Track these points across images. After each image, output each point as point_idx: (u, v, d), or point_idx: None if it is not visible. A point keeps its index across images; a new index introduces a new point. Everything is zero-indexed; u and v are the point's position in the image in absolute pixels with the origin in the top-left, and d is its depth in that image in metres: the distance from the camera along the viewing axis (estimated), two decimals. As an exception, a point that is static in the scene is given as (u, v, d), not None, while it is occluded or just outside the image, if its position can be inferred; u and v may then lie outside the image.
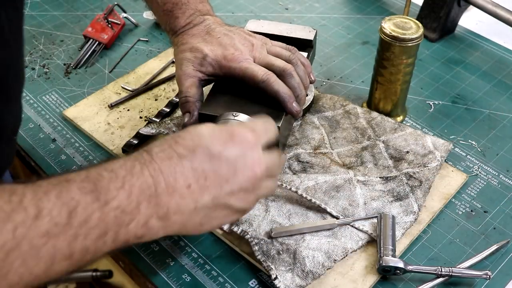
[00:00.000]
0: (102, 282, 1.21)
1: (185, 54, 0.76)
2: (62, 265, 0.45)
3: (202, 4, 0.80)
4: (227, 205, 0.55)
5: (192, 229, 0.55)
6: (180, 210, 0.52)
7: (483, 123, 0.92)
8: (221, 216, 0.56)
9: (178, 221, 0.52)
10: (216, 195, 0.53)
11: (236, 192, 0.55)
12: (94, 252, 0.47)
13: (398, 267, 0.68)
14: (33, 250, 0.43)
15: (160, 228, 0.51)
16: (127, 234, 0.49)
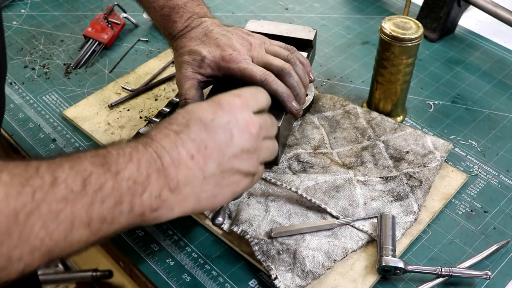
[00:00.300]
0: (102, 282, 1.21)
1: (183, 58, 0.76)
2: (82, 233, 0.46)
3: (199, 7, 0.80)
4: (234, 169, 0.56)
5: (207, 203, 0.55)
6: (190, 182, 0.53)
7: (483, 123, 0.92)
8: (232, 183, 0.57)
9: (190, 194, 0.53)
10: (220, 160, 0.55)
11: (238, 154, 0.56)
12: (112, 221, 0.48)
13: (398, 267, 0.68)
14: (52, 214, 0.43)
15: (174, 202, 0.52)
16: (142, 205, 0.50)
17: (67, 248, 0.45)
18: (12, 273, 0.42)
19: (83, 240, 0.46)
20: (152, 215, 0.51)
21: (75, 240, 0.45)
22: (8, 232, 0.41)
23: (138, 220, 0.51)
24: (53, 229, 0.44)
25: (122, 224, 0.49)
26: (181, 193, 0.53)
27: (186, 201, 0.53)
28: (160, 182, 0.51)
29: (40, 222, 0.43)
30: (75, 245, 0.46)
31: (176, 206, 0.53)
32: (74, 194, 0.45)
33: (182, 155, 0.53)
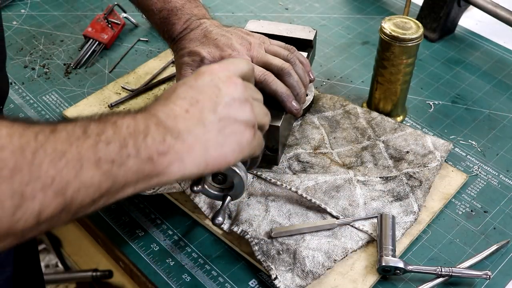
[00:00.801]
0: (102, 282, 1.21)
1: (183, 59, 0.76)
2: (93, 174, 0.45)
3: (197, 8, 0.80)
4: (231, 118, 0.56)
5: (216, 153, 0.55)
6: (192, 131, 0.53)
7: (483, 123, 0.92)
8: (235, 132, 0.56)
9: (195, 142, 0.53)
10: (215, 109, 0.55)
11: (231, 102, 0.56)
12: (121, 164, 0.47)
13: (398, 267, 0.68)
14: (58, 152, 0.43)
15: (181, 150, 0.51)
16: (147, 149, 0.49)
17: (81, 190, 0.44)
18: (28, 215, 0.41)
19: (95, 182, 0.45)
20: (161, 161, 0.50)
21: (87, 180, 0.45)
22: (18, 168, 0.41)
23: (149, 167, 0.49)
24: (62, 167, 0.43)
25: (132, 168, 0.48)
26: (185, 141, 0.52)
27: (193, 150, 0.52)
28: (161, 130, 0.51)
29: (48, 160, 0.42)
30: (89, 187, 0.45)
31: (185, 154, 0.52)
32: (77, 137, 0.45)
33: (176, 110, 0.53)
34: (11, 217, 0.40)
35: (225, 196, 0.69)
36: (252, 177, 0.78)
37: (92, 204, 0.46)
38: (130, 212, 0.79)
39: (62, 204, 0.43)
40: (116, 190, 0.48)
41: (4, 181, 0.40)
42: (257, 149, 0.62)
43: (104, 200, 0.48)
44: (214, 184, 0.69)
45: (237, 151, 0.57)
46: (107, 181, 0.46)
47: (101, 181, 0.46)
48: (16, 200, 0.40)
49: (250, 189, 0.77)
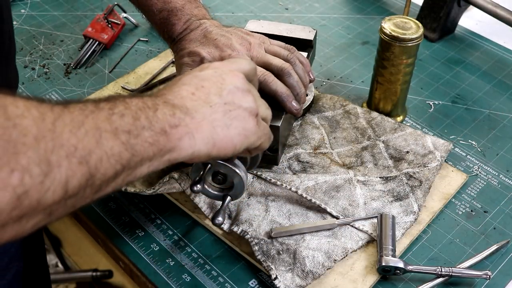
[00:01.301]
0: (102, 282, 1.21)
1: (183, 60, 0.76)
2: (113, 144, 0.46)
3: (197, 9, 0.80)
4: (235, 103, 0.58)
5: (223, 133, 0.56)
6: (198, 109, 0.54)
7: (483, 123, 0.92)
8: (239, 117, 0.57)
9: (203, 119, 0.54)
10: (220, 94, 0.57)
11: (234, 90, 0.58)
12: (137, 135, 0.48)
13: (398, 267, 0.68)
14: (76, 122, 0.44)
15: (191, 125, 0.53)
16: (159, 122, 0.50)
17: (104, 160, 0.45)
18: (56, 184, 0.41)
19: (116, 152, 0.46)
20: (174, 133, 0.51)
21: (107, 149, 0.45)
22: (41, 135, 0.41)
23: (164, 140, 0.50)
24: (82, 136, 0.43)
25: (149, 140, 0.49)
26: (194, 117, 0.53)
27: (202, 127, 0.54)
28: (169, 107, 0.52)
29: (68, 129, 0.43)
30: (110, 157, 0.45)
31: (194, 130, 0.53)
32: (90, 110, 0.46)
33: (183, 93, 0.55)
34: (40, 186, 0.40)
35: (225, 196, 0.69)
36: (252, 177, 0.78)
37: (114, 177, 0.47)
38: (130, 212, 0.79)
39: (87, 173, 0.44)
40: (135, 164, 0.48)
41: (30, 148, 0.40)
42: (264, 139, 0.63)
43: (124, 175, 0.48)
44: (214, 184, 0.69)
45: (243, 135, 0.58)
46: (126, 152, 0.47)
47: (121, 151, 0.46)
48: (43, 167, 0.40)
49: (250, 189, 0.77)
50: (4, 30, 0.68)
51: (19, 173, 0.39)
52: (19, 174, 0.39)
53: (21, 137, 0.40)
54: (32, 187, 0.39)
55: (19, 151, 0.39)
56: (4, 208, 0.38)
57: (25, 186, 0.39)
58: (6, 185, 0.38)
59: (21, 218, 0.40)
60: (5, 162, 0.38)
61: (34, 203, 0.40)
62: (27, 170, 0.39)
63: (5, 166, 0.38)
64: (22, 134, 0.40)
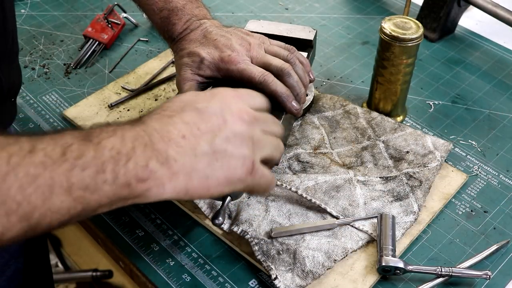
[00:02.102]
0: (102, 282, 1.21)
1: (183, 60, 0.76)
2: (63, 200, 0.45)
3: (198, 9, 0.80)
4: (227, 153, 0.55)
5: (200, 184, 0.53)
6: (180, 158, 0.51)
7: (483, 123, 0.92)
8: (226, 167, 0.55)
9: (180, 170, 0.51)
10: (212, 142, 0.54)
11: (231, 138, 0.55)
12: (95, 190, 0.46)
13: (398, 267, 0.68)
14: (29, 177, 0.43)
15: (164, 176, 0.50)
16: (126, 175, 0.48)
17: (48, 215, 0.44)
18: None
19: (64, 207, 0.45)
20: (139, 187, 0.49)
21: (55, 206, 0.44)
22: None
23: (125, 192, 0.48)
24: (31, 193, 0.43)
25: (107, 194, 0.47)
26: (170, 167, 0.50)
27: (176, 177, 0.51)
28: (147, 153, 0.49)
29: (17, 185, 0.42)
30: (56, 212, 0.45)
31: (166, 181, 0.50)
32: (53, 160, 0.44)
33: (173, 134, 0.52)
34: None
35: (225, 196, 0.69)
36: (252, 177, 0.78)
37: (59, 225, 0.46)
38: (130, 212, 0.79)
39: (26, 227, 0.43)
40: (87, 213, 0.47)
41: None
42: (260, 188, 0.60)
43: (75, 220, 0.47)
44: (214, 184, 0.69)
45: (223, 185, 0.55)
46: (77, 207, 0.46)
47: (71, 207, 0.46)
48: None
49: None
50: (8, 30, 0.69)
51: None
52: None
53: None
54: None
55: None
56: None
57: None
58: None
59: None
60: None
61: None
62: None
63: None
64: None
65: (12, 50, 0.72)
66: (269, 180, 0.61)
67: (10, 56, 0.72)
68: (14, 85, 0.75)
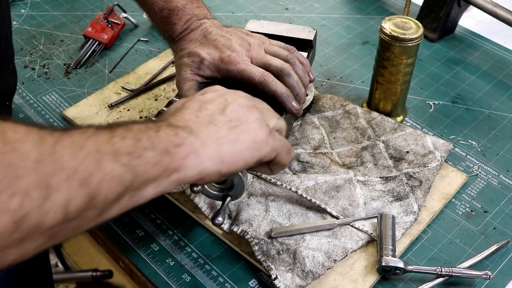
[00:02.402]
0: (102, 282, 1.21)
1: (183, 60, 0.76)
2: (113, 166, 0.45)
3: (199, 9, 0.80)
4: (241, 120, 0.58)
5: (231, 150, 0.55)
6: (203, 129, 0.54)
7: (483, 123, 0.92)
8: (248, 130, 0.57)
9: (207, 138, 0.54)
10: (224, 112, 0.57)
11: (239, 108, 0.59)
12: (139, 156, 0.47)
13: (398, 267, 0.68)
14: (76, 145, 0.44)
15: (196, 143, 0.52)
16: (162, 142, 0.50)
17: (105, 182, 0.45)
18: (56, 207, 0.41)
19: (117, 174, 0.45)
20: (177, 153, 0.50)
21: (108, 171, 0.45)
22: (41, 158, 0.41)
23: (168, 160, 0.50)
24: (82, 158, 0.43)
25: (151, 161, 0.48)
26: (198, 136, 0.53)
27: (207, 145, 0.53)
28: (172, 128, 0.52)
29: (68, 151, 0.43)
30: (111, 179, 0.45)
31: (200, 149, 0.52)
32: (90, 134, 0.46)
33: (186, 116, 0.55)
34: (39, 210, 0.40)
35: (225, 196, 0.69)
36: (252, 177, 0.78)
37: (117, 199, 0.47)
38: (130, 212, 0.79)
39: (88, 196, 0.43)
40: (138, 185, 0.48)
41: (30, 172, 0.40)
42: (281, 151, 0.61)
43: (128, 197, 0.48)
44: (214, 184, 0.69)
45: (253, 148, 0.57)
46: (128, 173, 0.47)
47: (122, 173, 0.46)
48: (43, 190, 0.40)
49: (250, 189, 0.77)
50: (1, 35, 0.68)
51: (19, 197, 0.39)
52: (19, 198, 0.39)
53: (21, 161, 0.40)
54: (32, 210, 0.40)
55: (19, 175, 0.39)
56: (3, 232, 0.39)
57: (24, 209, 0.39)
58: (6, 209, 0.38)
59: (22, 241, 0.40)
60: (5, 186, 0.39)
61: (34, 226, 0.40)
62: (27, 194, 0.39)
63: (5, 190, 0.39)
64: (23, 158, 0.40)
65: (6, 54, 0.72)
66: (288, 145, 0.64)
67: (3, 61, 0.71)
68: (8, 89, 0.74)
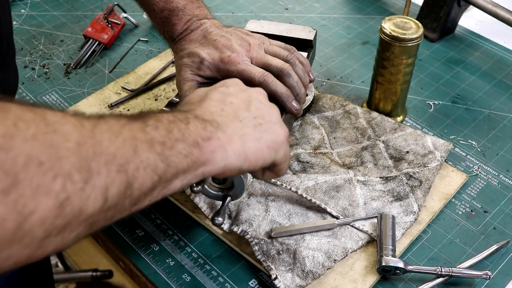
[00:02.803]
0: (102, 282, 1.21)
1: (183, 60, 0.76)
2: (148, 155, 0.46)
3: (199, 9, 0.80)
4: (265, 117, 0.59)
5: (254, 147, 0.56)
6: (229, 124, 0.55)
7: (483, 123, 0.92)
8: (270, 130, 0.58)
9: (234, 134, 0.55)
10: (249, 109, 0.58)
11: (262, 106, 0.60)
12: (171, 146, 0.48)
13: (398, 267, 0.68)
14: (113, 131, 0.44)
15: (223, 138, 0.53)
16: (192, 135, 0.50)
17: (141, 169, 0.45)
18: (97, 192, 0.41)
19: (152, 163, 0.46)
20: (206, 146, 0.51)
21: (144, 159, 0.45)
22: (82, 141, 0.41)
23: (197, 152, 0.50)
24: (120, 144, 0.44)
25: (183, 152, 0.49)
26: (225, 131, 0.54)
27: (233, 140, 0.54)
28: (200, 121, 0.53)
29: (106, 136, 0.43)
30: (147, 167, 0.45)
31: (226, 143, 0.53)
32: (124, 122, 0.46)
33: (212, 108, 0.56)
34: (81, 193, 0.40)
35: (225, 196, 0.69)
36: (252, 177, 0.78)
37: (151, 189, 0.47)
38: (130, 212, 0.79)
39: (125, 182, 0.43)
40: (170, 176, 0.48)
41: (72, 154, 0.39)
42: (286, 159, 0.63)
43: (160, 187, 0.48)
44: (214, 184, 0.69)
45: (272, 148, 0.59)
46: (162, 163, 0.47)
47: (157, 162, 0.47)
48: (84, 173, 0.40)
49: (250, 189, 0.77)
50: (2, 35, 0.68)
51: (62, 178, 0.38)
52: (62, 180, 0.38)
53: (63, 142, 0.39)
54: (73, 193, 0.39)
55: (62, 156, 0.39)
56: (48, 215, 0.38)
57: (67, 192, 0.39)
58: (49, 190, 0.38)
59: (64, 228, 0.40)
60: (49, 167, 0.38)
61: (76, 211, 0.40)
62: (69, 176, 0.39)
63: (49, 171, 0.38)
64: (64, 139, 0.40)
65: (8, 54, 0.72)
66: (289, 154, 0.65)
67: (5, 61, 0.72)
68: (10, 88, 0.75)
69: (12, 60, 0.75)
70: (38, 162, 0.37)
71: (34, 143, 0.37)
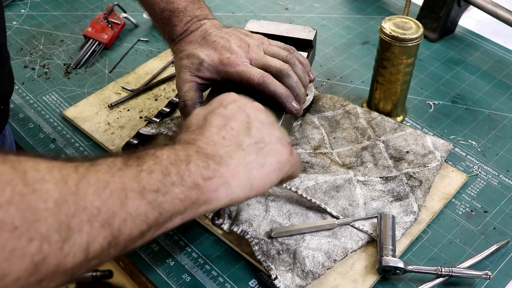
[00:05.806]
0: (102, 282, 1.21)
1: (182, 62, 0.76)
2: (138, 204, 0.44)
3: (199, 9, 0.80)
4: (265, 140, 0.57)
5: (259, 174, 0.55)
6: (232, 155, 0.53)
7: (483, 123, 0.92)
8: (273, 151, 0.57)
9: (237, 165, 0.53)
10: (249, 134, 0.57)
11: (261, 126, 0.58)
12: (166, 192, 0.47)
13: (398, 267, 0.68)
14: (101, 183, 0.43)
15: (226, 173, 0.52)
16: (191, 175, 0.49)
17: (128, 221, 0.43)
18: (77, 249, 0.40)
19: (141, 212, 0.45)
20: (207, 186, 0.50)
21: (132, 210, 0.44)
22: (62, 199, 0.40)
23: (195, 194, 0.49)
24: (107, 197, 0.42)
25: (178, 196, 0.48)
26: (228, 164, 0.52)
27: (237, 173, 0.53)
28: (202, 158, 0.51)
29: (92, 190, 0.42)
30: (136, 218, 0.44)
31: (230, 178, 0.52)
32: (118, 168, 0.45)
33: (214, 138, 0.54)
34: (59, 252, 0.39)
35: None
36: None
37: (140, 236, 0.46)
38: (130, 212, 0.79)
39: (110, 236, 0.42)
40: (164, 220, 0.47)
41: (50, 214, 0.39)
42: (297, 167, 0.62)
43: (153, 231, 0.47)
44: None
45: (278, 169, 0.57)
46: (153, 211, 0.46)
47: (148, 211, 0.45)
48: (63, 233, 0.39)
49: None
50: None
51: (38, 240, 0.38)
52: (38, 242, 0.38)
53: (41, 203, 0.39)
54: (51, 253, 0.38)
55: (39, 218, 0.38)
56: (21, 276, 0.37)
57: (43, 254, 0.38)
58: (24, 254, 0.37)
59: (41, 282, 0.39)
60: (23, 231, 0.37)
61: (53, 268, 0.39)
62: (46, 237, 0.38)
63: (23, 236, 0.37)
64: (42, 199, 0.39)
65: (2, 59, 0.71)
66: (300, 160, 0.64)
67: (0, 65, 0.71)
68: (4, 92, 0.74)
69: (6, 64, 0.75)
70: (11, 228, 0.37)
71: (8, 208, 0.37)
